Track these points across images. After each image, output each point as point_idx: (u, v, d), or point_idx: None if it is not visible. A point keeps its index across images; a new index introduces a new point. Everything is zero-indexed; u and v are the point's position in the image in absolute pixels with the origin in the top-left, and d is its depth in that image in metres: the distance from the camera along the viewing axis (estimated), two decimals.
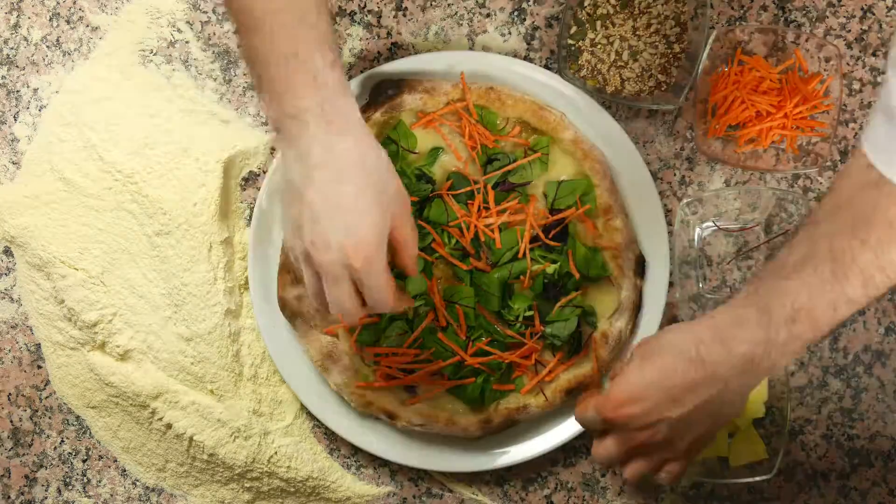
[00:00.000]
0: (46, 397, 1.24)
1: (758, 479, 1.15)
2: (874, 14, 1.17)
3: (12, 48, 1.23)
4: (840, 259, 0.84)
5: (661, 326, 1.16)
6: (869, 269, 0.84)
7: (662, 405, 0.91)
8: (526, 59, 1.18)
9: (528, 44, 1.19)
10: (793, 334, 0.87)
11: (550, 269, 1.13)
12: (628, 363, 0.95)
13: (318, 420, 1.20)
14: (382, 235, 0.91)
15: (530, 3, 1.18)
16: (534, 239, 1.14)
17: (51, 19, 1.22)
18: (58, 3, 1.22)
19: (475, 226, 1.13)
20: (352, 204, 0.90)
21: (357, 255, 0.89)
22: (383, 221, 0.91)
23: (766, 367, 0.89)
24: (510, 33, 1.19)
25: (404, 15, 1.19)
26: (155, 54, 1.21)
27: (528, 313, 1.13)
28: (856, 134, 1.18)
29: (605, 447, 0.97)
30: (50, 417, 1.24)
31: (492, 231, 1.12)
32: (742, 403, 0.94)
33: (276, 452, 1.18)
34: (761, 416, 1.15)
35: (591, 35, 1.16)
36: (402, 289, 0.99)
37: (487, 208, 1.13)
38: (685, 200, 1.15)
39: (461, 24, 1.19)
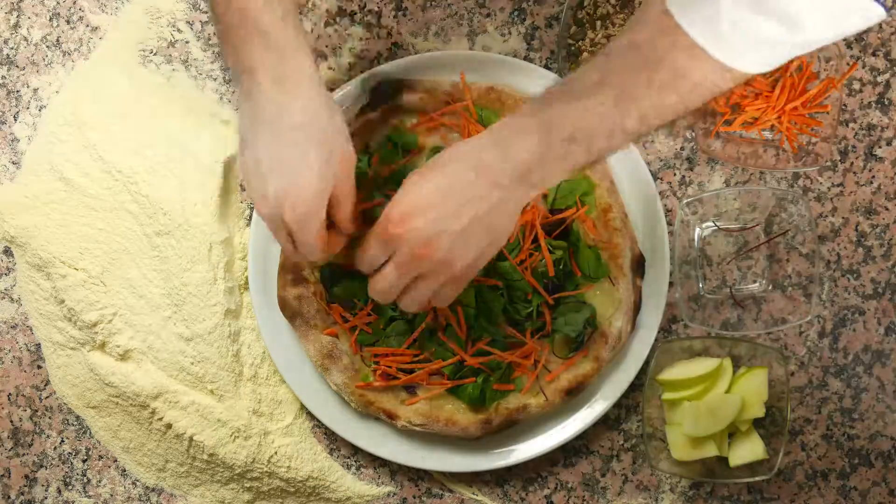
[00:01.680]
0: (46, 397, 1.24)
1: (758, 479, 1.15)
2: None
3: (12, 48, 1.23)
4: (625, 93, 0.87)
5: (661, 327, 1.16)
6: (647, 108, 0.88)
7: (444, 216, 0.91)
8: (526, 59, 1.18)
9: (528, 44, 1.19)
10: (569, 152, 0.89)
11: (558, 252, 1.12)
12: (406, 180, 0.94)
13: (318, 420, 1.20)
14: (320, 194, 0.93)
15: (530, 3, 1.18)
16: (534, 241, 1.14)
17: (51, 19, 1.22)
18: (58, 3, 1.22)
19: None
20: (293, 163, 0.92)
21: (287, 211, 0.93)
22: (323, 182, 0.93)
23: (539, 178, 0.91)
24: (510, 33, 1.19)
25: (404, 15, 1.19)
26: (155, 54, 1.21)
27: (529, 309, 1.13)
28: (856, 134, 1.18)
29: (383, 276, 0.96)
30: (50, 417, 1.24)
31: None
32: (513, 222, 0.94)
33: (276, 452, 1.18)
34: (761, 416, 1.15)
35: (591, 35, 1.16)
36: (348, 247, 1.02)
37: None
38: (685, 200, 1.15)
39: (461, 24, 1.19)
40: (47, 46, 1.22)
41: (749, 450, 1.14)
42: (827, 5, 0.81)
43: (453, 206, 0.91)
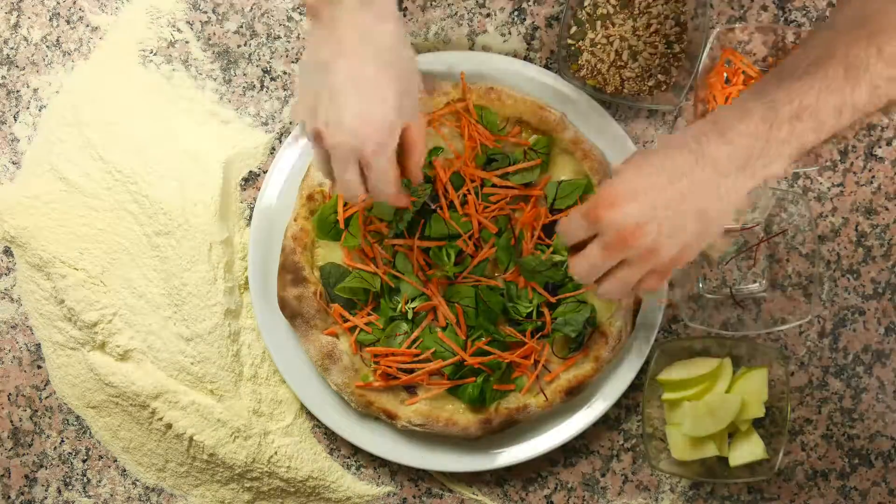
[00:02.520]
0: (46, 397, 1.24)
1: (758, 479, 1.15)
2: None
3: (12, 48, 1.23)
4: (854, 65, 0.84)
5: (661, 327, 1.16)
6: (878, 79, 0.84)
7: (657, 203, 0.86)
8: (526, 59, 1.18)
9: (528, 44, 1.19)
10: (794, 132, 0.86)
11: (563, 252, 1.12)
12: (624, 163, 0.90)
13: (318, 420, 1.20)
14: (395, 127, 0.90)
15: (530, 3, 1.18)
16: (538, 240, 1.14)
17: (51, 19, 1.22)
18: (58, 3, 1.22)
19: (478, 220, 1.12)
20: (373, 89, 0.89)
21: (368, 139, 0.89)
22: (399, 114, 0.90)
23: (763, 165, 0.86)
24: (510, 33, 1.19)
25: (404, 15, 1.19)
26: (155, 54, 1.21)
27: (529, 309, 1.13)
28: (856, 134, 1.18)
29: (586, 257, 0.89)
30: (50, 417, 1.24)
31: (494, 222, 1.13)
32: (729, 214, 0.89)
33: (276, 452, 1.18)
34: (761, 416, 1.15)
35: (591, 35, 1.16)
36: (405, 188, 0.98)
37: (488, 205, 1.13)
38: None
39: (461, 24, 1.19)
40: (47, 46, 1.22)
41: (749, 450, 1.14)
42: None
43: (669, 194, 0.86)
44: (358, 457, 1.21)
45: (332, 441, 1.21)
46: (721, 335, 1.16)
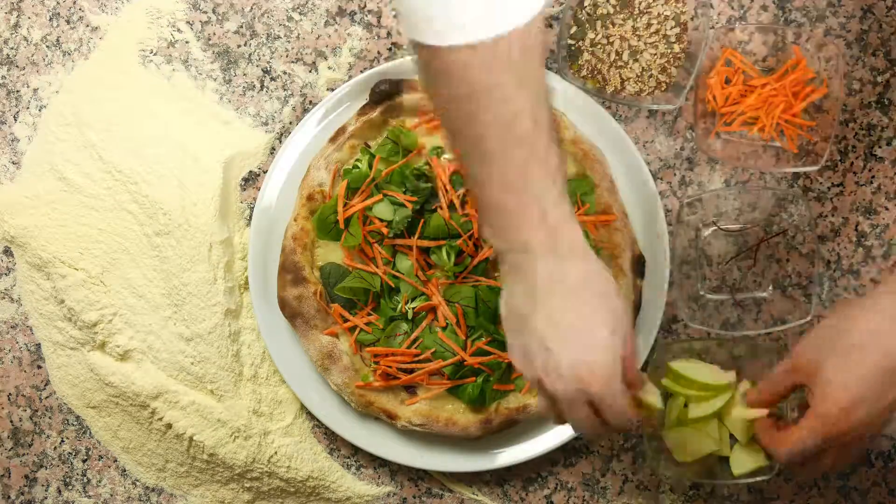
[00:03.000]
0: (46, 397, 1.24)
1: (758, 479, 1.15)
2: (874, 14, 1.17)
3: (12, 48, 1.23)
4: None
5: (661, 326, 1.16)
6: None
7: (880, 392, 0.90)
8: None
9: None
10: None
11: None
12: (824, 372, 0.92)
13: (318, 420, 1.20)
14: (616, 356, 0.88)
15: None
16: None
17: (51, 19, 1.22)
18: (58, 3, 1.22)
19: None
20: (582, 328, 0.87)
21: (593, 382, 0.87)
22: (616, 342, 0.88)
23: None
24: None
25: None
26: (155, 54, 1.21)
27: None
28: (856, 134, 1.18)
29: (824, 463, 0.95)
30: (50, 417, 1.24)
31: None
32: None
33: (276, 452, 1.18)
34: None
35: (591, 35, 1.16)
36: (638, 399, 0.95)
37: None
38: (685, 200, 1.15)
39: None
40: (47, 46, 1.22)
41: (752, 458, 1.14)
42: None
43: (887, 378, 0.90)
44: (358, 457, 1.21)
45: (332, 441, 1.21)
46: (721, 335, 1.16)
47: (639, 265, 1.14)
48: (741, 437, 1.09)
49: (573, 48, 1.16)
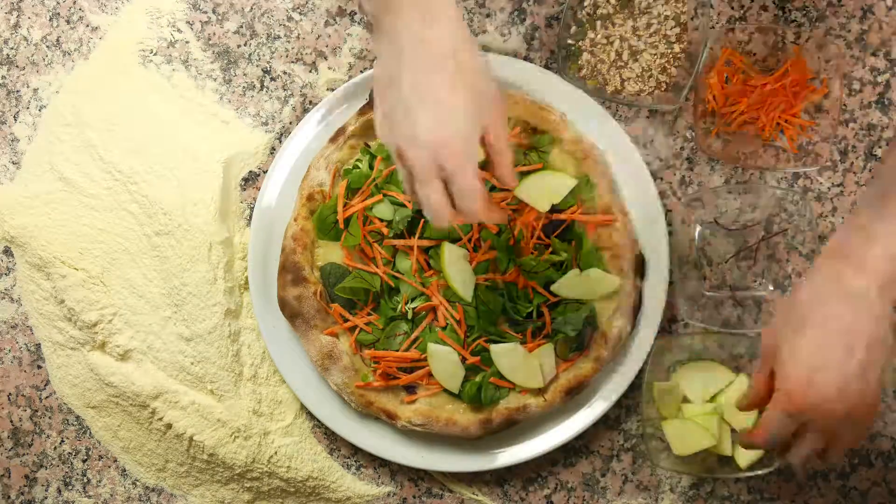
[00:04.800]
0: (46, 397, 1.24)
1: (757, 472, 1.15)
2: (874, 14, 1.17)
3: (12, 48, 1.23)
4: None
5: (662, 326, 1.16)
6: None
7: (841, 360, 0.88)
8: (526, 59, 1.18)
9: (528, 44, 1.19)
10: None
11: (562, 254, 1.12)
12: (782, 346, 0.91)
13: (318, 420, 1.20)
14: (473, 133, 0.86)
15: (530, 3, 1.18)
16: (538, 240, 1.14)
17: (51, 19, 1.22)
18: (58, 3, 1.22)
19: (477, 226, 1.13)
20: (443, 96, 0.85)
21: (445, 151, 0.84)
22: (474, 120, 0.85)
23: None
24: (510, 33, 1.19)
25: None
26: (155, 54, 1.21)
27: (529, 309, 1.13)
28: (856, 134, 1.18)
29: (807, 445, 0.92)
30: (50, 417, 1.24)
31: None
32: (890, 337, 0.91)
33: (276, 452, 1.18)
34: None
35: (591, 35, 1.16)
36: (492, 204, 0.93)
37: None
38: (685, 200, 1.15)
39: None
40: (47, 46, 1.22)
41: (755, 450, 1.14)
42: None
43: (842, 344, 0.88)
44: (358, 457, 1.21)
45: (332, 441, 1.21)
46: (721, 333, 1.16)
47: (639, 265, 1.14)
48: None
49: (573, 48, 1.16)
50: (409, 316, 1.14)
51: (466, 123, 0.85)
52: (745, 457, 1.14)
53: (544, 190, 1.12)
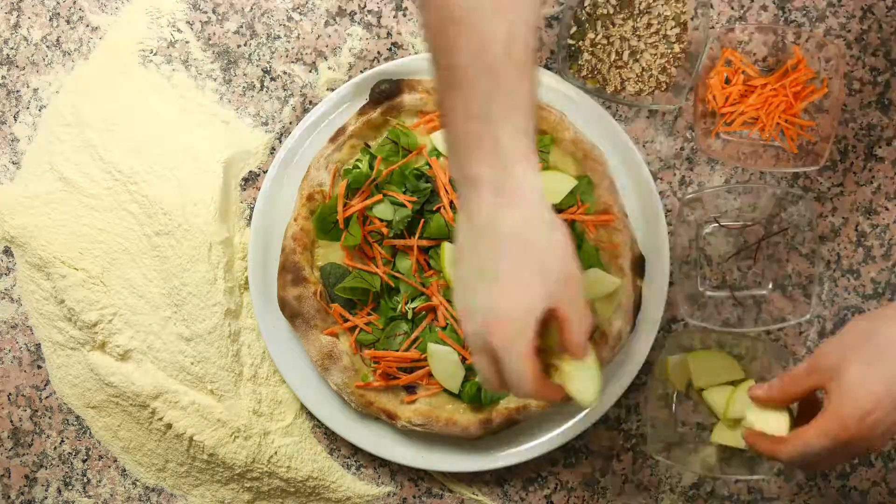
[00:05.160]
0: (46, 397, 1.24)
1: (757, 477, 1.15)
2: (874, 14, 1.17)
3: (12, 48, 1.23)
4: None
5: (662, 326, 1.16)
6: None
7: (892, 405, 0.88)
8: None
9: None
10: None
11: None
12: (846, 374, 0.89)
13: (318, 420, 1.20)
14: (530, 315, 0.83)
15: None
16: None
17: (51, 19, 1.22)
18: (58, 3, 1.22)
19: None
20: (503, 278, 0.83)
21: (496, 333, 0.83)
22: (536, 301, 0.83)
23: None
24: None
25: (404, 15, 1.19)
26: (155, 54, 1.21)
27: None
28: (856, 134, 1.18)
29: (828, 462, 0.92)
30: (50, 417, 1.24)
31: None
32: None
33: (276, 452, 1.18)
34: None
35: (591, 35, 1.16)
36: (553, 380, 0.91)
37: None
38: (685, 200, 1.15)
39: None
40: (47, 46, 1.22)
41: (732, 437, 1.15)
42: None
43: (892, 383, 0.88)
44: (358, 457, 1.21)
45: (332, 441, 1.21)
46: (721, 333, 1.16)
47: (639, 265, 1.14)
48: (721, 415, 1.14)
49: (573, 48, 1.16)
50: (409, 316, 1.14)
51: (521, 304, 0.83)
52: (721, 436, 1.14)
53: (544, 190, 1.12)
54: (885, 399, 0.88)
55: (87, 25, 1.22)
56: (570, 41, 1.16)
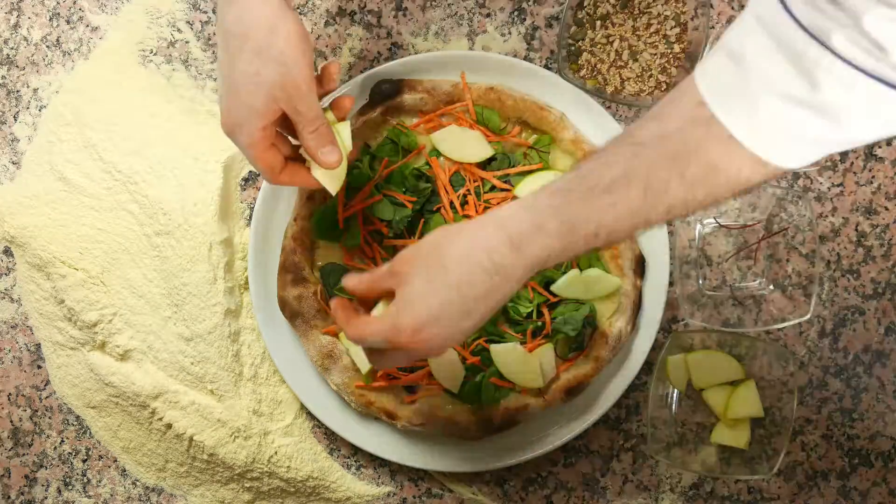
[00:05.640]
0: (46, 397, 1.24)
1: (757, 477, 1.15)
2: None
3: (12, 48, 1.23)
4: (654, 188, 0.84)
5: (662, 326, 1.16)
6: (676, 201, 0.85)
7: (457, 320, 0.89)
8: (526, 59, 1.18)
9: (528, 44, 1.19)
10: (589, 245, 0.88)
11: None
12: (411, 280, 0.89)
13: (318, 420, 1.20)
14: (252, 113, 0.94)
15: (530, 3, 1.18)
16: None
17: (51, 19, 1.22)
18: (58, 3, 1.22)
19: None
20: (230, 78, 0.93)
21: (231, 132, 0.96)
22: (253, 98, 0.93)
23: (553, 264, 0.89)
24: (510, 33, 1.19)
25: (404, 15, 1.19)
26: (155, 54, 1.21)
27: (529, 309, 1.13)
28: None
29: (390, 361, 0.93)
30: (50, 417, 1.24)
31: None
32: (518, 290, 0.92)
33: (276, 452, 1.18)
34: (761, 417, 1.15)
35: (591, 35, 1.16)
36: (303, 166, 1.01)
37: (488, 205, 1.13)
38: None
39: (461, 24, 1.19)
40: (47, 46, 1.22)
41: (731, 436, 1.16)
42: (875, 107, 0.75)
43: (465, 308, 0.88)
44: (358, 457, 1.21)
45: (332, 441, 1.21)
46: (721, 333, 1.16)
47: (639, 265, 1.14)
48: (722, 416, 1.14)
49: (573, 48, 1.16)
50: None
51: (244, 104, 0.95)
52: (720, 436, 1.16)
53: None
54: (440, 316, 0.88)
55: (87, 25, 1.22)
56: (570, 41, 1.16)
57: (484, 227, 0.89)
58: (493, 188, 1.14)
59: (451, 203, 1.14)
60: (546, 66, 1.18)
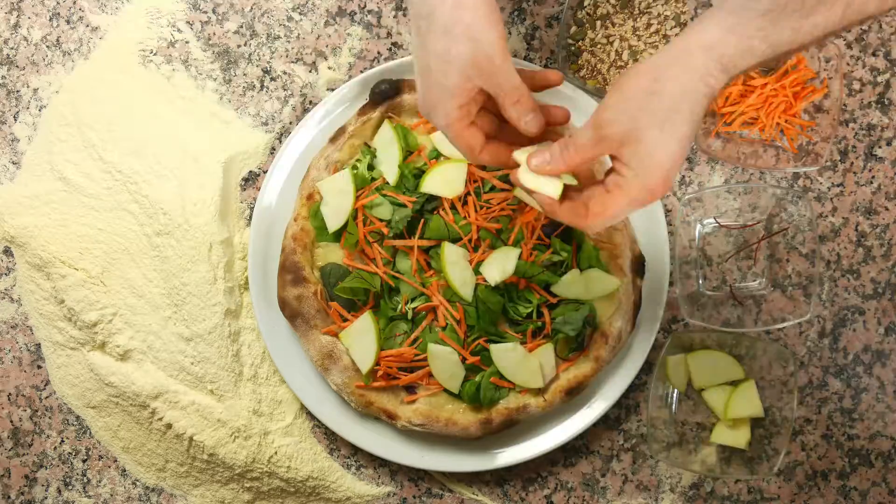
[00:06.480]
0: (46, 397, 1.24)
1: (757, 477, 1.15)
2: None
3: (12, 48, 1.23)
4: (854, 6, 0.85)
5: (662, 326, 1.16)
6: (865, 16, 0.86)
7: (687, 149, 0.89)
8: (526, 59, 1.18)
9: (528, 44, 1.19)
10: (775, 58, 0.89)
11: (563, 254, 1.13)
12: (631, 141, 0.89)
13: (318, 420, 1.20)
14: (450, 98, 0.91)
15: (530, 3, 1.18)
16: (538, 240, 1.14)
17: (51, 19, 1.22)
18: (58, 3, 1.22)
19: (478, 223, 1.13)
20: (430, 66, 0.91)
21: (432, 117, 0.94)
22: (451, 80, 0.91)
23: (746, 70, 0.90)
24: (510, 33, 1.19)
25: (404, 15, 1.19)
26: (155, 54, 1.21)
27: (529, 309, 1.13)
28: (856, 134, 1.18)
29: (621, 217, 0.93)
30: (50, 417, 1.24)
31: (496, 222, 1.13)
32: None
33: (276, 452, 1.18)
34: (761, 417, 1.15)
35: (591, 35, 1.16)
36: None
37: (488, 205, 1.13)
38: (685, 199, 1.15)
39: None
40: (47, 46, 1.22)
41: (732, 436, 1.16)
42: None
43: (693, 134, 0.89)
44: (358, 457, 1.21)
45: (332, 441, 1.21)
46: (721, 333, 1.16)
47: (639, 265, 1.14)
48: (722, 416, 1.14)
49: (573, 48, 1.16)
50: (409, 316, 1.14)
51: (445, 90, 0.92)
52: (729, 437, 1.16)
53: None
54: (680, 157, 0.89)
55: (87, 25, 1.22)
56: (570, 41, 1.16)
57: (691, 54, 0.88)
58: (492, 188, 1.14)
59: (451, 203, 1.14)
60: (546, 66, 1.18)
